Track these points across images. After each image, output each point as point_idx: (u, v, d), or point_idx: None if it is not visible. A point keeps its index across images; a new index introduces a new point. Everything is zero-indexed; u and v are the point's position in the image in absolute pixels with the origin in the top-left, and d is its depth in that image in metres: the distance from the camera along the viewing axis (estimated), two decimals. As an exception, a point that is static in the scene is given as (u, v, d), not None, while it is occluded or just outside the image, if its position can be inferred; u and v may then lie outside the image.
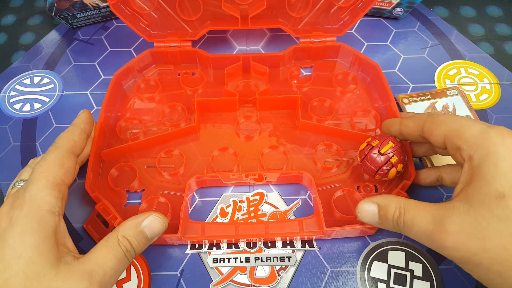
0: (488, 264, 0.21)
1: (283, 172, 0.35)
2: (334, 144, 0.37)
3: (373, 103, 0.41)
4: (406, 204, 0.25)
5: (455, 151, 0.25)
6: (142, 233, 0.27)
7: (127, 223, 0.27)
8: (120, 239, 0.26)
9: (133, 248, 0.26)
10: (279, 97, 0.39)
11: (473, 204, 0.22)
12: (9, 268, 0.23)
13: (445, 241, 0.22)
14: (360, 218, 0.28)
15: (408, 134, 0.30)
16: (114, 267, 0.25)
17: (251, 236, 0.32)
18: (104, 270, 0.24)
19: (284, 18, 0.43)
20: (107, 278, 0.24)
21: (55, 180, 0.26)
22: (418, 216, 0.24)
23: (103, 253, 0.25)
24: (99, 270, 0.24)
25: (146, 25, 0.43)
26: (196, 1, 0.41)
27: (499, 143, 0.22)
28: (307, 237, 0.32)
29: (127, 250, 0.26)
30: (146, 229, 0.27)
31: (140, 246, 0.27)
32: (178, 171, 0.36)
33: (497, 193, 0.21)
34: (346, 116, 0.40)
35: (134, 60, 0.42)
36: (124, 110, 0.41)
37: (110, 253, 0.25)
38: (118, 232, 0.26)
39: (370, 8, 0.40)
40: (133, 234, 0.26)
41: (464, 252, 0.22)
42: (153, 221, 0.27)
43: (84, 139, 0.31)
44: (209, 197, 0.35)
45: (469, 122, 0.25)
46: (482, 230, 0.21)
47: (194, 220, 0.33)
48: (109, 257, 0.25)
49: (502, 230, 0.21)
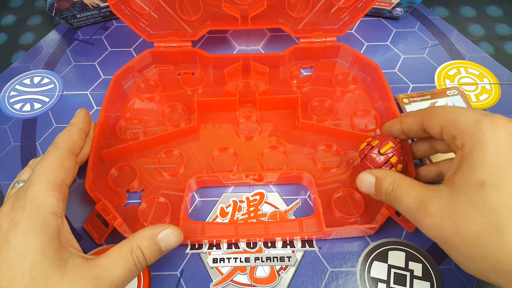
0: (459, 247, 0.22)
1: (283, 172, 0.35)
2: (334, 144, 0.37)
3: (373, 103, 0.41)
4: (400, 180, 0.27)
5: (451, 141, 0.25)
6: (157, 244, 0.26)
7: (143, 233, 0.26)
8: (134, 249, 0.25)
9: (145, 259, 0.26)
10: (279, 97, 0.39)
11: (455, 189, 0.23)
12: (13, 269, 0.22)
13: (424, 220, 0.24)
14: (359, 187, 0.29)
15: (409, 131, 0.30)
16: (122, 276, 0.24)
17: (251, 236, 0.32)
18: (112, 278, 0.24)
19: (284, 18, 0.43)
20: (113, 286, 0.24)
21: (55, 181, 0.26)
22: (407, 193, 0.25)
23: (114, 261, 0.25)
24: (106, 277, 0.24)
25: (146, 25, 0.43)
26: (196, 1, 0.41)
27: (489, 132, 0.22)
28: (307, 237, 0.32)
29: (139, 261, 0.25)
30: (162, 241, 0.27)
31: (152, 257, 0.26)
32: (178, 171, 0.36)
33: (478, 181, 0.22)
34: (346, 116, 0.40)
35: (134, 60, 0.42)
36: (124, 110, 0.41)
37: (121, 262, 0.25)
38: (133, 241, 0.26)
39: (370, 8, 0.40)
40: (148, 245, 0.26)
41: (440, 232, 0.23)
42: (170, 234, 0.27)
43: (83, 138, 0.31)
44: (209, 197, 0.35)
45: (464, 111, 0.25)
46: (458, 214, 0.22)
47: (194, 220, 0.33)
48: (119, 266, 0.25)
49: (476, 217, 0.21)
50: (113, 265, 0.24)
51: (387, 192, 0.27)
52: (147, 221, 0.33)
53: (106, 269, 0.24)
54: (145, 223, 0.33)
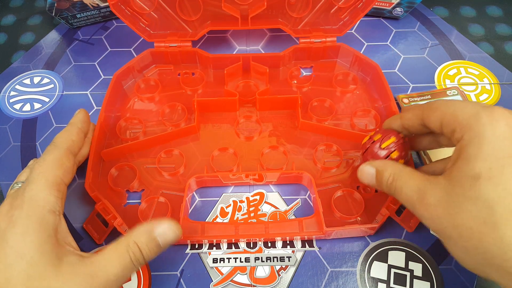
0: (455, 239, 0.22)
1: (283, 172, 0.35)
2: (334, 144, 0.37)
3: (373, 103, 0.41)
4: (400, 171, 0.27)
5: (451, 134, 0.25)
6: (154, 240, 0.26)
7: (140, 229, 0.26)
8: (130, 245, 0.25)
9: (143, 256, 0.25)
10: (279, 97, 0.39)
11: (452, 181, 0.23)
12: (10, 268, 0.22)
13: (423, 211, 0.24)
14: (360, 179, 0.30)
15: (410, 126, 0.30)
16: (118, 274, 0.24)
17: (251, 236, 0.32)
18: (107, 276, 0.24)
19: (284, 18, 0.43)
20: (109, 284, 0.24)
21: (54, 179, 0.26)
22: (407, 184, 0.25)
23: (110, 258, 0.24)
24: (101, 274, 0.24)
25: (146, 25, 0.43)
26: (196, 1, 0.41)
27: (487, 125, 0.22)
28: (307, 237, 0.32)
29: (136, 258, 0.25)
30: (159, 237, 0.26)
31: (150, 253, 0.26)
32: (178, 171, 0.36)
33: (474, 173, 0.22)
34: (346, 116, 0.40)
35: (134, 60, 0.42)
36: (124, 110, 0.41)
37: (116, 259, 0.24)
38: (130, 237, 0.25)
39: (370, 9, 0.40)
40: (145, 241, 0.25)
41: (437, 224, 0.23)
42: (167, 229, 0.26)
43: (82, 138, 0.31)
44: (209, 197, 0.35)
45: (464, 105, 0.25)
46: (454, 207, 0.22)
47: (194, 220, 0.33)
48: (115, 264, 0.24)
49: (470, 210, 0.21)
50: (108, 263, 0.24)
51: (388, 183, 0.27)
52: (147, 221, 0.33)
53: (101, 267, 0.24)
54: None
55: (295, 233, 0.32)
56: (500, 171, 0.21)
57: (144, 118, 0.40)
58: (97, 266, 0.24)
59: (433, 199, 0.23)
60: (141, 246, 0.25)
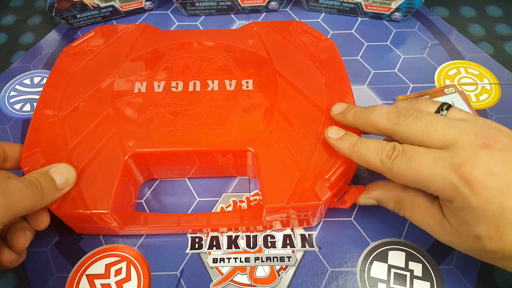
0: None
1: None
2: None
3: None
4: (402, 199, 0.28)
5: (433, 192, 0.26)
6: (48, 175, 0.28)
7: (38, 170, 0.28)
8: (26, 176, 0.27)
9: (41, 185, 0.27)
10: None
11: (458, 237, 0.26)
12: None
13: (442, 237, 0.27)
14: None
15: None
16: (19, 187, 0.25)
17: (193, 227, 0.32)
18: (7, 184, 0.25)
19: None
20: (8, 191, 0.25)
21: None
22: (416, 215, 0.28)
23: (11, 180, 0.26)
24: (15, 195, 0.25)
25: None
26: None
27: (472, 196, 0.23)
28: (252, 228, 0.33)
29: (34, 183, 0.26)
30: (54, 174, 0.28)
31: (48, 186, 0.27)
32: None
33: (475, 235, 0.24)
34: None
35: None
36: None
37: (17, 179, 0.26)
38: (32, 174, 0.27)
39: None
40: (40, 175, 0.27)
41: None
42: (60, 167, 0.29)
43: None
44: (209, 197, 0.35)
45: (432, 176, 0.24)
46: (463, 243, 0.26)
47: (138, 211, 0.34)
48: (15, 182, 0.26)
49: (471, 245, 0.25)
50: (9, 181, 0.26)
51: (396, 211, 0.30)
52: None
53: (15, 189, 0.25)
54: None
55: (237, 224, 0.32)
56: (496, 232, 0.23)
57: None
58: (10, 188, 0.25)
59: (445, 240, 0.27)
60: (37, 177, 0.27)
